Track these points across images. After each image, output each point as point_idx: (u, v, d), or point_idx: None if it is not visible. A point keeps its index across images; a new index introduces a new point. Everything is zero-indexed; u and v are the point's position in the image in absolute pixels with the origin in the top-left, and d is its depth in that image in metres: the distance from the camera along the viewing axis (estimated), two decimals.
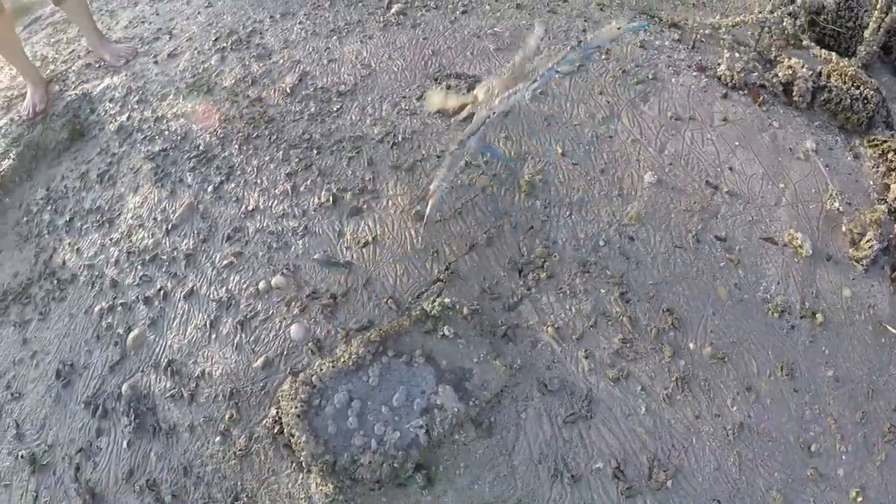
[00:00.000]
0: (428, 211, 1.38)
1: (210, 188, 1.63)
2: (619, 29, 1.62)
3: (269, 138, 1.69)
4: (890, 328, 1.43)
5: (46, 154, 2.04)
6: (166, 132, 1.85)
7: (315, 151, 1.62)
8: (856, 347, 1.41)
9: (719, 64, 1.84)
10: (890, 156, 1.71)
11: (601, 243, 1.40)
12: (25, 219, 1.87)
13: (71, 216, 1.78)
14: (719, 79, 1.81)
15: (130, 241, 1.61)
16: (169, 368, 1.36)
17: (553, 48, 1.87)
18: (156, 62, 2.16)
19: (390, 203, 1.47)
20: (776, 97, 1.80)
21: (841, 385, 1.37)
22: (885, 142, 1.73)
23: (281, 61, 1.95)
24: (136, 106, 2.02)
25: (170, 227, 1.59)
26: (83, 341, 1.48)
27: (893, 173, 1.69)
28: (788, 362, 1.34)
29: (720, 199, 1.52)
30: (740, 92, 1.80)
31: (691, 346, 1.32)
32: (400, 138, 1.60)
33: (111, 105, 2.08)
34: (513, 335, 1.30)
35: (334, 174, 1.56)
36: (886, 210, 1.58)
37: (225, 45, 2.11)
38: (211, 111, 1.92)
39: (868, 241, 1.50)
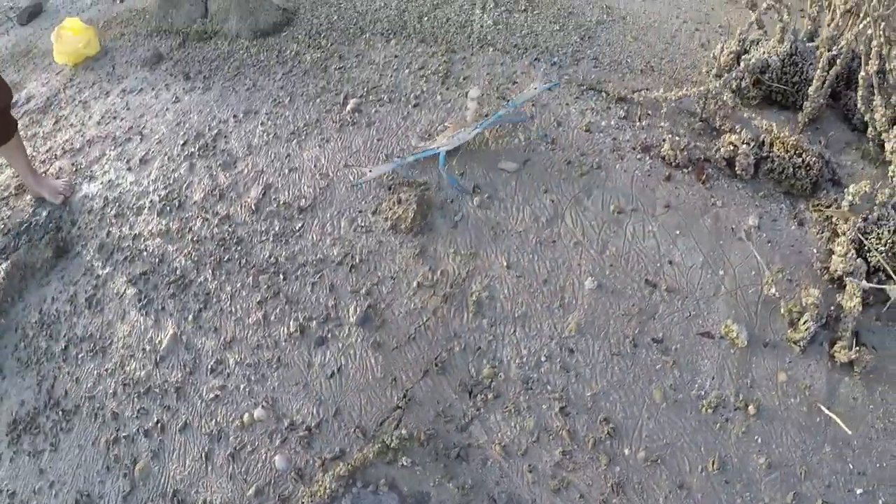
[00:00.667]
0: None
1: (190, 317, 1.84)
2: (535, 88, 1.99)
3: (240, 262, 1.90)
4: (824, 409, 1.61)
5: (35, 273, 2.27)
6: (145, 253, 2.06)
7: (282, 277, 1.82)
8: (789, 431, 1.59)
9: (664, 142, 1.97)
10: (833, 218, 1.84)
11: (543, 359, 1.59)
12: (23, 344, 2.11)
13: (66, 343, 2.01)
14: (663, 158, 1.95)
15: (124, 371, 1.84)
16: (175, 498, 1.60)
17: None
18: (129, 169, 2.36)
19: (351, 331, 1.68)
20: (720, 171, 1.94)
21: (773, 470, 1.56)
22: (829, 206, 1.87)
23: (245, 170, 2.14)
24: (113, 220, 2.23)
25: (158, 358, 1.81)
26: (95, 472, 1.73)
27: (836, 238, 1.82)
28: (721, 456, 1.54)
29: (658, 297, 1.68)
30: (685, 170, 1.93)
31: (626, 451, 1.51)
32: (357, 260, 1.79)
33: (90, 217, 2.29)
34: (465, 455, 1.51)
35: (300, 302, 1.76)
36: (828, 281, 1.73)
37: (193, 150, 2.29)
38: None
39: (805, 322, 1.65)
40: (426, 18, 2.53)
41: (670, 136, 1.96)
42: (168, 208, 2.14)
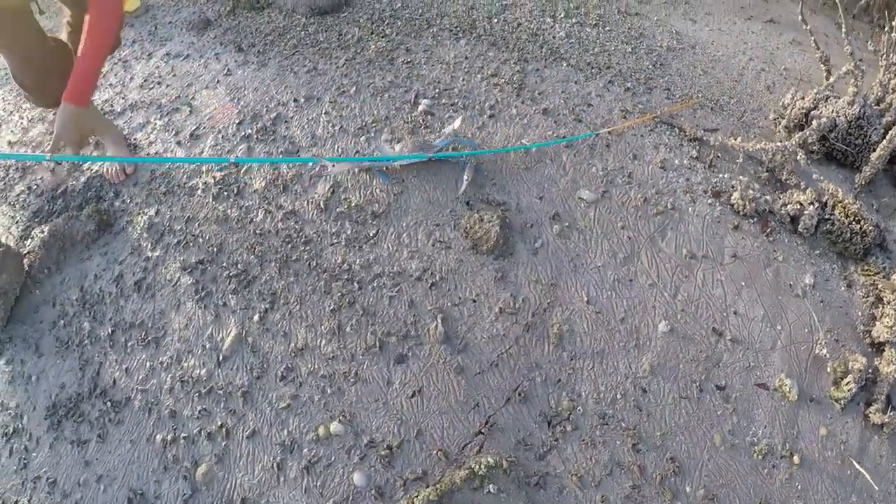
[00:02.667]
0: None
1: (256, 317, 1.86)
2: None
3: (309, 264, 1.91)
4: (856, 463, 1.82)
5: (74, 245, 2.19)
6: (200, 239, 2.04)
7: (356, 286, 1.85)
8: (825, 481, 1.79)
9: (733, 188, 2.10)
10: (879, 286, 2.04)
11: (618, 396, 1.72)
12: (62, 322, 2.06)
13: (112, 328, 1.98)
14: (732, 206, 2.08)
15: (182, 367, 1.85)
16: None
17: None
18: (178, 143, 2.29)
19: (432, 351, 1.75)
20: (783, 225, 2.09)
21: None
22: (877, 273, 2.06)
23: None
24: (163, 198, 2.18)
25: (221, 358, 1.83)
26: (150, 470, 1.75)
27: (880, 305, 2.02)
28: (766, 498, 1.72)
29: (723, 346, 1.83)
30: (751, 220, 2.07)
31: (688, 489, 1.67)
32: (437, 277, 1.84)
33: (136, 190, 2.23)
34: (543, 483, 1.63)
35: (378, 314, 1.81)
36: (868, 344, 1.93)
37: (250, 131, 2.25)
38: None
39: (847, 383, 1.85)
40: (496, 20, 2.54)
41: (741, 185, 2.09)
42: (225, 193, 2.11)
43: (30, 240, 2.28)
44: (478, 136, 2.12)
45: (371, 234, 1.93)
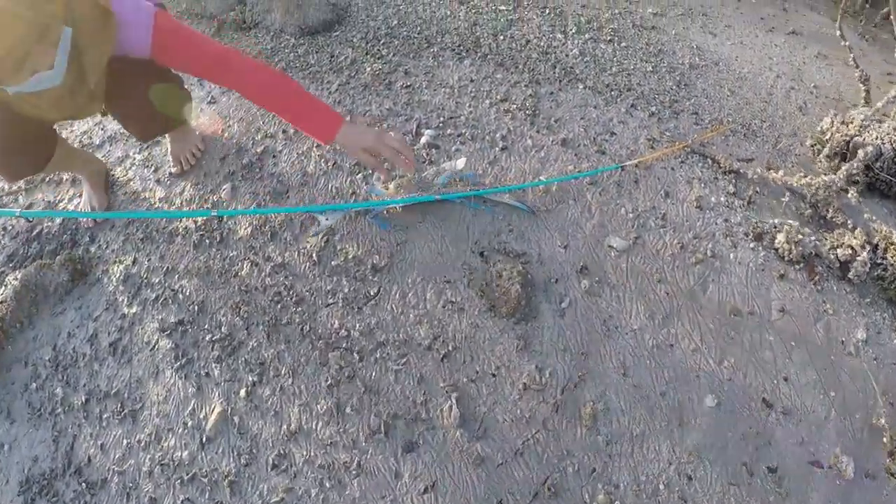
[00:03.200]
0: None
1: (242, 392, 1.51)
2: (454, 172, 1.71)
3: (301, 328, 1.56)
4: None
5: (47, 297, 1.84)
6: (180, 295, 1.68)
7: (356, 356, 1.50)
8: None
9: (776, 228, 1.75)
10: None
11: (661, 487, 1.38)
12: (35, 385, 1.71)
13: (87, 396, 1.63)
14: (776, 250, 1.73)
15: (161, 448, 1.50)
16: None
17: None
18: (158, 181, 1.92)
19: (447, 437, 1.40)
20: (830, 270, 1.74)
21: None
22: None
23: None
24: (140, 245, 1.81)
25: (204, 439, 1.48)
26: None
27: None
28: None
29: (774, 419, 1.50)
30: (797, 266, 1.72)
31: None
32: (450, 346, 1.49)
33: (112, 235, 1.86)
34: None
35: (382, 392, 1.46)
36: None
37: (234, 168, 1.88)
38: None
39: None
40: (502, 37, 2.15)
41: (786, 226, 1.73)
42: (207, 241, 1.74)
43: (2, 287, 1.93)
44: (490, 173, 1.76)
45: (372, 293, 1.57)
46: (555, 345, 1.50)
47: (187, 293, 1.68)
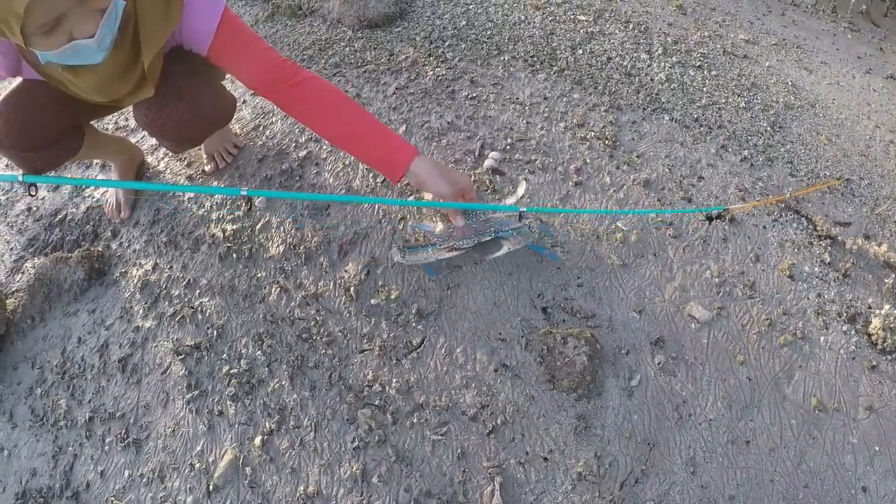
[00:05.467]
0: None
1: (258, 439, 1.23)
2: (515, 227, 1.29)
3: (330, 375, 1.26)
4: None
5: (61, 294, 1.57)
6: (199, 315, 1.39)
7: (390, 418, 1.20)
8: None
9: (871, 310, 1.39)
10: None
11: None
12: (40, 390, 1.46)
13: (91, 413, 1.37)
14: (869, 336, 1.38)
15: (165, 488, 1.23)
16: None
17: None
18: (189, 178, 1.62)
19: None
20: None
21: None
22: None
23: (342, 227, 1.44)
24: (163, 249, 1.52)
25: (211, 486, 1.21)
26: None
27: None
28: None
29: None
30: (889, 357, 1.37)
31: None
32: (499, 420, 1.18)
33: (134, 232, 1.58)
34: None
35: (416, 463, 1.16)
36: None
37: (272, 172, 1.56)
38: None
39: None
40: (580, 51, 1.77)
41: (884, 311, 1.37)
42: (233, 254, 1.45)
43: (20, 274, 1.67)
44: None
45: (414, 344, 1.26)
46: (619, 430, 1.18)
47: (207, 314, 1.39)
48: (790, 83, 1.93)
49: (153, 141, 1.80)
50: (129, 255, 1.59)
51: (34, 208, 1.86)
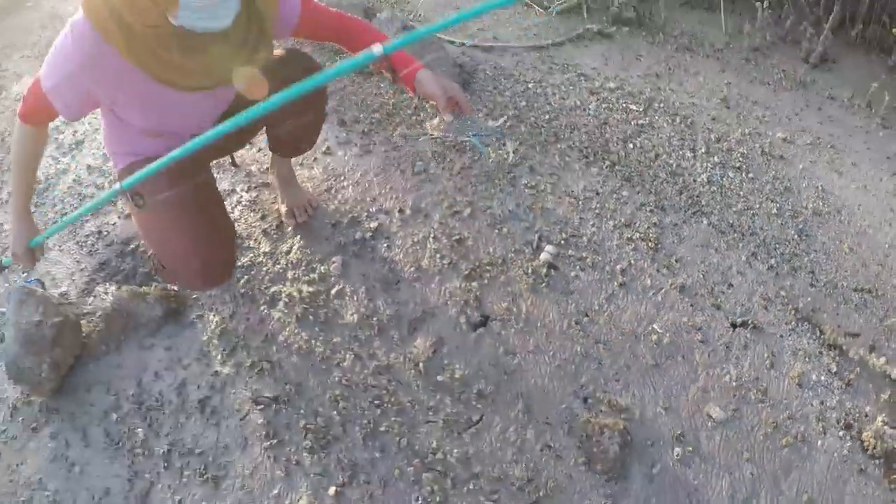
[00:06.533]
0: None
1: (332, 490, 1.61)
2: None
3: (399, 440, 1.65)
4: None
5: (137, 328, 1.93)
6: (277, 370, 1.77)
7: (450, 483, 1.60)
8: None
9: (867, 417, 1.82)
10: None
11: None
12: (115, 416, 1.82)
13: (169, 446, 1.74)
14: (862, 442, 1.81)
15: None
16: None
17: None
18: (265, 232, 1.98)
19: None
20: None
21: None
22: None
23: (412, 303, 1.83)
24: (241, 300, 1.89)
25: None
26: None
27: None
28: None
29: None
30: (876, 461, 1.80)
31: None
32: (541, 493, 1.58)
33: None
34: None
35: None
36: None
37: (345, 240, 1.94)
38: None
39: None
40: (631, 144, 2.17)
41: (878, 421, 1.80)
42: (311, 317, 1.82)
43: (91, 297, 2.02)
44: (605, 310, 1.81)
45: (474, 420, 1.66)
46: None
47: (286, 369, 1.77)
48: (820, 187, 2.35)
49: (226, 185, 2.15)
50: (204, 300, 1.95)
51: (105, 232, 2.20)
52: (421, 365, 1.74)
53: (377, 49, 1.07)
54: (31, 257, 1.71)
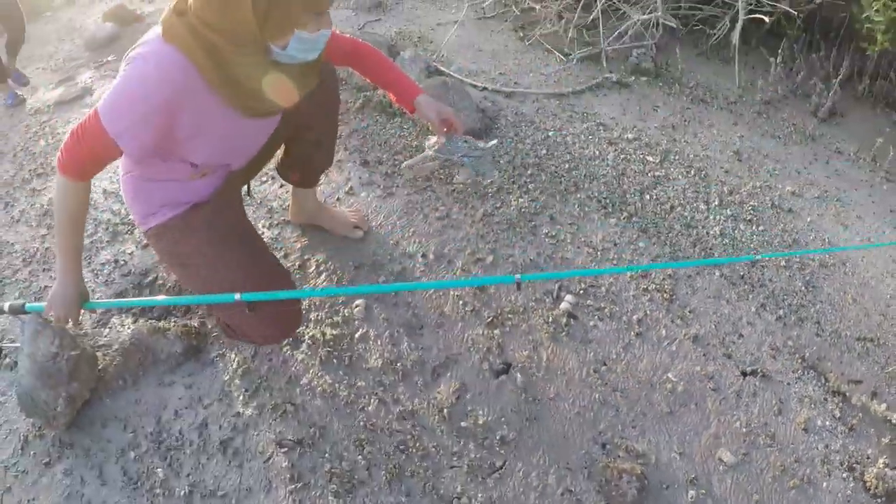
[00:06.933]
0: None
1: None
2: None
3: (424, 485, 1.77)
4: None
5: (156, 364, 2.03)
6: (301, 413, 1.89)
7: None
8: None
9: (869, 459, 1.98)
10: None
11: None
12: (133, 454, 1.91)
13: (190, 488, 1.83)
14: (864, 483, 1.97)
15: None
16: None
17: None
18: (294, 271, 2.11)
19: None
20: None
21: None
22: None
23: (435, 349, 1.97)
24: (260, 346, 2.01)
25: None
26: None
27: None
28: None
29: None
30: (879, 500, 1.96)
31: None
32: None
33: None
34: None
35: None
36: None
37: (367, 281, 2.07)
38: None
39: None
40: (648, 196, 2.35)
41: (879, 463, 1.97)
42: (335, 361, 1.95)
43: (107, 329, 2.11)
44: (623, 359, 1.97)
45: (497, 465, 1.79)
46: None
47: (309, 412, 1.89)
48: (826, 240, 2.55)
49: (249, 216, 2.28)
50: (225, 338, 2.06)
51: (121, 262, 2.31)
52: (445, 411, 1.87)
53: (517, 277, 1.42)
54: (77, 316, 1.65)
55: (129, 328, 2.11)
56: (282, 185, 2.50)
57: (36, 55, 3.93)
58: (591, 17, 3.33)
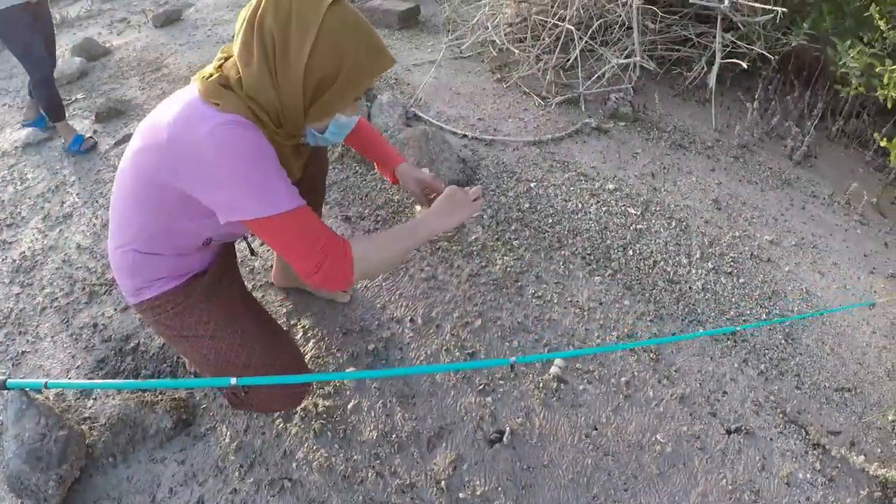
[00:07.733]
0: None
1: None
2: None
3: None
4: None
5: (146, 439, 2.19)
6: (299, 488, 2.07)
7: None
8: None
9: None
10: None
11: None
12: None
13: None
14: None
15: None
16: None
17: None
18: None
19: None
20: None
21: None
22: None
23: (429, 419, 2.18)
24: (254, 412, 2.19)
25: None
26: None
27: None
28: None
29: None
30: None
31: None
32: None
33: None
34: None
35: None
36: None
37: (358, 351, 2.27)
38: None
39: None
40: (630, 251, 2.63)
41: None
42: (329, 433, 2.14)
43: (92, 400, 2.25)
44: (612, 422, 2.22)
45: None
46: None
47: (307, 488, 2.08)
48: (805, 289, 2.88)
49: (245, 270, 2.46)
50: (215, 410, 2.23)
51: (101, 325, 2.46)
52: (443, 482, 2.08)
53: (512, 360, 1.57)
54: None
55: (114, 399, 2.26)
56: (262, 244, 2.69)
57: (0, 90, 4.01)
58: (569, 60, 3.64)
